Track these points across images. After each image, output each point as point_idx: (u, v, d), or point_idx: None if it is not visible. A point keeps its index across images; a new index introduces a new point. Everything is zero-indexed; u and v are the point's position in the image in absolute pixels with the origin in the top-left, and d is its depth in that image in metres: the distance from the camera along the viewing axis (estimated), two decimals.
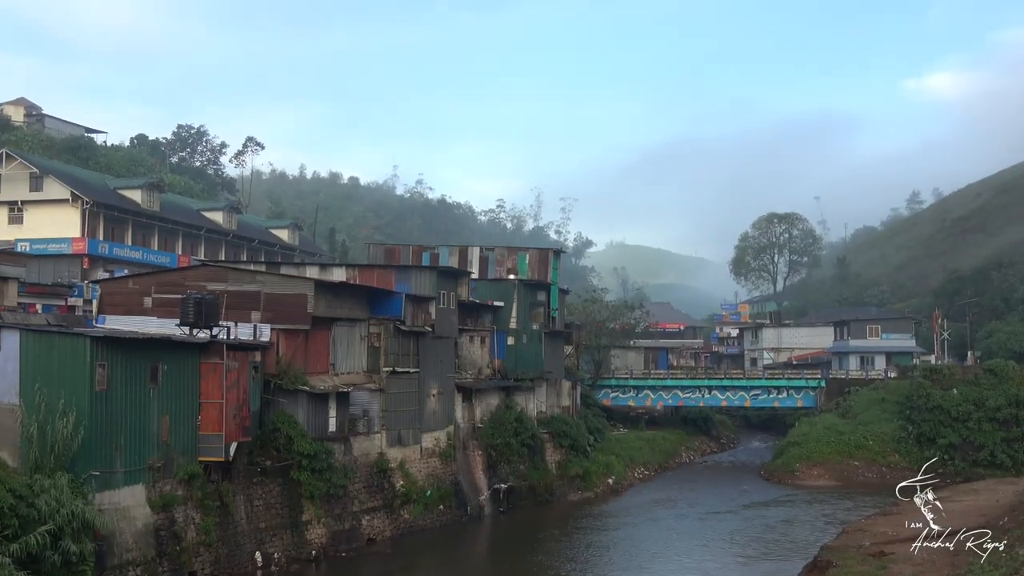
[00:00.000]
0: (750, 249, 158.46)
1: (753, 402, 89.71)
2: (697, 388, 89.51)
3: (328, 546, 44.15)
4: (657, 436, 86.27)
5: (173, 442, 37.62)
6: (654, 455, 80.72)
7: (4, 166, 69.39)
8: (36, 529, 28.63)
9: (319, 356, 48.12)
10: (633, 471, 73.99)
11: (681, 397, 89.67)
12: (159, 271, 56.42)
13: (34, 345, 33.51)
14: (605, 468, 69.37)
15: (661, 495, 66.71)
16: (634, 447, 78.94)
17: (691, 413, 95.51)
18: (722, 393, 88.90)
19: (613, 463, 70.99)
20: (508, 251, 76.25)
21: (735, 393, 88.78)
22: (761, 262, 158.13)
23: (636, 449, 78.61)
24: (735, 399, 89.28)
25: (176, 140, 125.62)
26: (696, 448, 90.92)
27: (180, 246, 77.54)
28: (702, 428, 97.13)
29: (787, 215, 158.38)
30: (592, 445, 71.21)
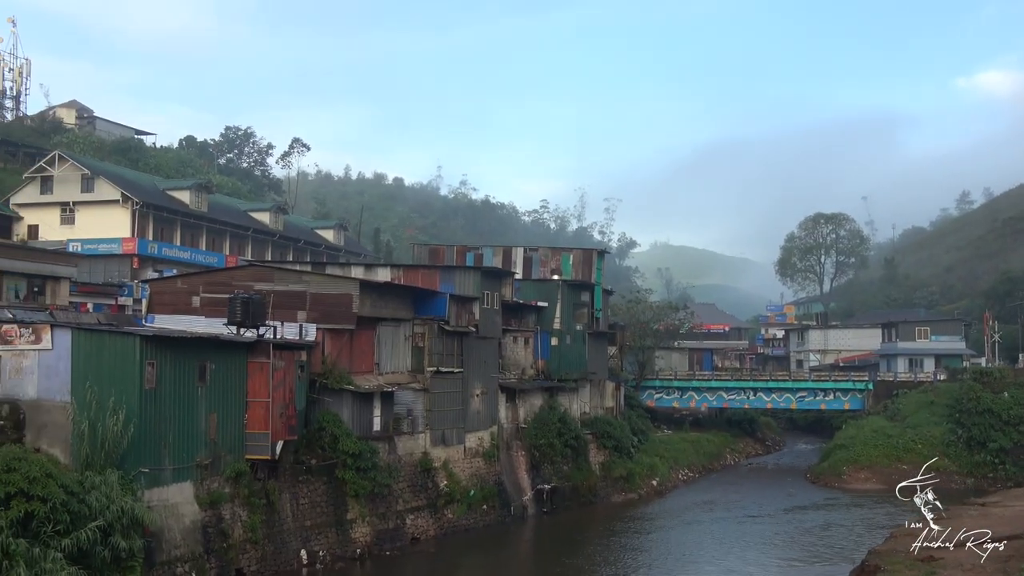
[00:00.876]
0: (796, 250, 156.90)
1: (799, 404, 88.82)
2: (742, 390, 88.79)
3: (373, 545, 44.37)
4: (701, 438, 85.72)
5: (220, 440, 38.00)
6: (698, 457, 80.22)
7: (56, 167, 70.54)
8: (87, 525, 28.97)
9: (364, 356, 48.41)
10: (677, 473, 73.59)
11: (726, 399, 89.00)
12: (207, 271, 57.02)
13: (85, 344, 34.00)
14: (649, 470, 69.06)
15: (706, 497, 66.26)
16: (678, 449, 78.51)
17: (736, 415, 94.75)
18: (767, 395, 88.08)
19: (657, 465, 70.65)
20: (552, 251, 76.16)
21: (781, 395, 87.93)
22: (807, 263, 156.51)
23: (680, 451, 78.16)
24: (781, 401, 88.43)
25: (224, 142, 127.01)
26: (741, 450, 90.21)
27: (228, 246, 78.34)
28: (747, 430, 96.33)
29: (834, 215, 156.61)
30: (636, 446, 70.93)
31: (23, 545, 27.06)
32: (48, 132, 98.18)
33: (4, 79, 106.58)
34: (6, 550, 26.83)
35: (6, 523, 27.12)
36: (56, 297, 49.46)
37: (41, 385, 33.51)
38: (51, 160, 71.22)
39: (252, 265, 55.74)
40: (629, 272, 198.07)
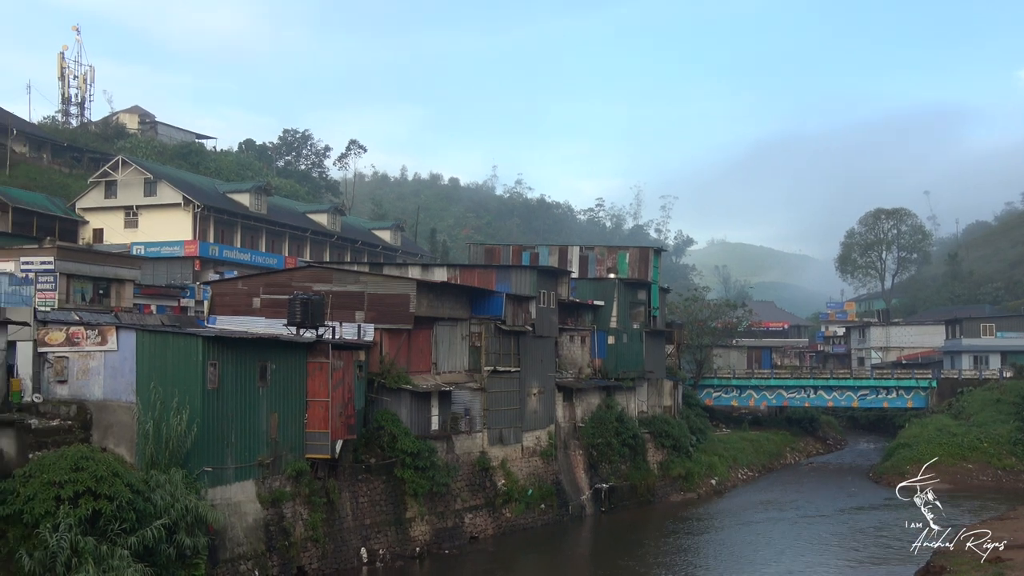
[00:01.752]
0: (856, 246, 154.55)
1: (861, 402, 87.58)
2: (802, 388, 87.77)
3: (431, 543, 44.60)
4: (761, 437, 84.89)
5: (281, 439, 38.44)
6: (758, 456, 79.42)
7: (120, 172, 71.92)
8: (152, 523, 29.45)
9: (421, 355, 48.67)
10: (736, 472, 72.93)
11: (785, 397, 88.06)
12: (267, 272, 57.70)
13: (149, 345, 34.57)
14: (708, 469, 68.55)
15: (765, 497, 65.58)
16: (737, 448, 77.82)
17: (796, 413, 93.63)
18: (828, 393, 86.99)
19: (716, 464, 70.10)
20: (608, 250, 75.89)
21: (842, 393, 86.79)
22: (868, 259, 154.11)
23: (739, 450, 77.47)
24: (842, 399, 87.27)
25: (282, 144, 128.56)
26: (801, 449, 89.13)
27: (287, 248, 79.27)
28: (808, 429, 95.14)
29: (895, 211, 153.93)
30: (694, 445, 70.45)
31: (91, 543, 27.63)
32: (112, 137, 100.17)
33: (69, 86, 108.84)
34: (75, 547, 27.41)
35: (75, 521, 27.69)
36: (121, 299, 50.36)
37: (107, 385, 34.14)
38: (115, 165, 72.64)
39: (311, 266, 56.35)
40: (686, 270, 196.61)
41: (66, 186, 78.04)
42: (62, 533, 27.38)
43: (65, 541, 27.33)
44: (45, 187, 75.71)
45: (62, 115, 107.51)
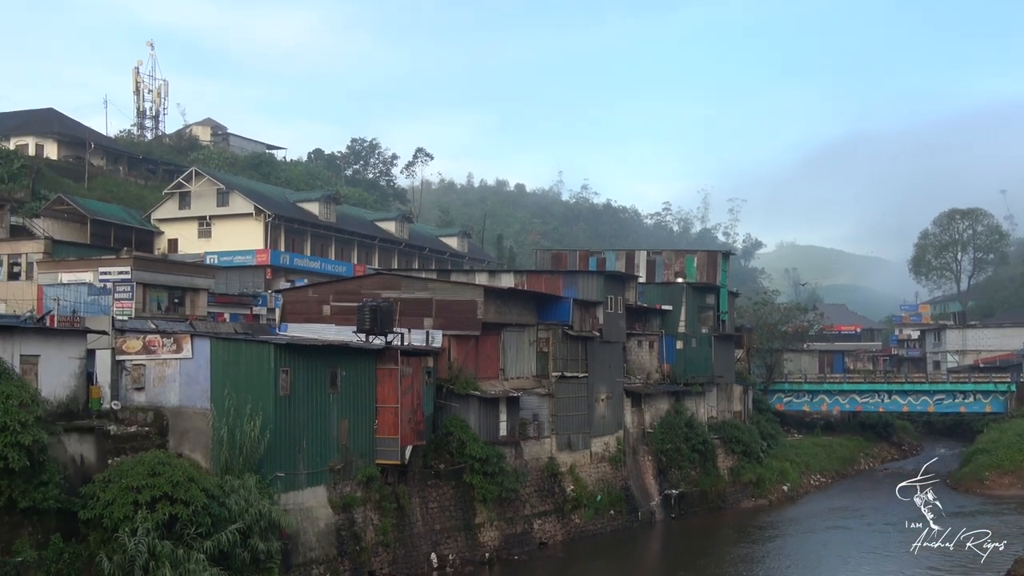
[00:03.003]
0: (930, 247, 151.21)
1: (937, 407, 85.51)
2: (876, 393, 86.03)
3: (501, 549, 44.62)
4: (834, 442, 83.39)
5: (352, 445, 38.80)
6: (831, 462, 78.03)
7: (194, 183, 73.33)
8: (227, 527, 29.92)
9: (489, 361, 48.76)
10: (809, 478, 71.77)
11: (859, 402, 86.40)
12: (336, 280, 58.35)
13: (223, 352, 35.14)
14: (779, 475, 67.55)
15: (839, 503, 64.41)
16: (809, 453, 76.56)
17: (870, 419, 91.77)
18: (903, 398, 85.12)
19: (788, 469, 69.06)
20: (675, 254, 75.37)
21: (917, 398, 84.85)
22: (943, 260, 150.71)
23: (812, 455, 76.21)
24: (917, 404, 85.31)
25: (350, 153, 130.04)
26: (876, 455, 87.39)
27: (355, 255, 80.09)
28: (882, 434, 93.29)
29: (970, 211, 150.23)
30: (765, 451, 69.51)
31: (168, 547, 28.14)
32: (185, 149, 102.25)
33: (144, 100, 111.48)
34: (153, 551, 27.95)
35: (152, 525, 28.24)
36: (195, 308, 51.27)
37: (183, 392, 34.78)
38: (188, 176, 74.10)
39: (379, 273, 56.83)
40: (755, 273, 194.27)
41: (142, 198, 79.77)
42: (140, 537, 27.93)
43: (143, 545, 27.88)
44: (122, 199, 77.49)
45: (137, 128, 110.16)
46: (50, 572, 27.90)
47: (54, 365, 31.85)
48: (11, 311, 44.96)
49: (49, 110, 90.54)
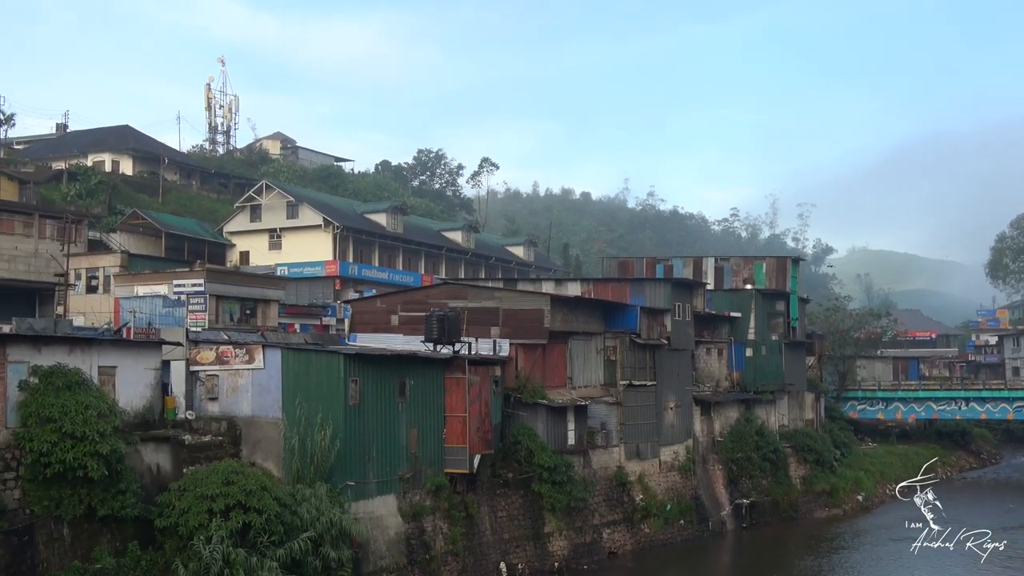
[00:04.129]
0: (1008, 250, 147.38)
1: (1016, 414, 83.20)
2: (952, 400, 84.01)
3: (570, 558, 44.44)
4: (909, 451, 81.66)
5: (421, 454, 38.98)
6: (906, 471, 75.96)
7: (264, 196, 74.45)
8: (299, 536, 30.17)
9: (556, 370, 48.67)
10: (884, 487, 70.29)
11: (935, 409, 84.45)
12: (404, 290, 58.73)
13: (294, 363, 35.56)
14: (853, 484, 66.34)
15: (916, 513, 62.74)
16: (884, 462, 75.07)
17: (947, 426, 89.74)
18: (981, 405, 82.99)
19: (862, 479, 67.78)
20: (744, 260, 74.56)
21: (995, 405, 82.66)
22: (1021, 264, 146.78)
23: (887, 464, 74.71)
24: (996, 411, 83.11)
25: (416, 164, 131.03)
26: (953, 463, 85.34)
27: (423, 265, 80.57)
28: (959, 442, 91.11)
29: None
30: (838, 460, 68.35)
31: (242, 555, 28.47)
32: (255, 163, 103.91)
33: (216, 115, 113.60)
34: (227, 559, 28.29)
35: (226, 533, 28.60)
36: (266, 319, 51.97)
37: (255, 402, 35.26)
38: (259, 189, 75.23)
39: (446, 283, 57.18)
40: (826, 279, 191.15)
41: (214, 211, 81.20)
42: (214, 545, 28.29)
43: (217, 553, 28.22)
44: (195, 213, 78.95)
45: (209, 143, 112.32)
46: None
47: (131, 376, 32.52)
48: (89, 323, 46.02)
49: (124, 127, 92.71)
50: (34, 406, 28.00)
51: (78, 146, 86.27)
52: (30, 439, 27.53)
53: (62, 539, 27.84)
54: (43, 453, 27.32)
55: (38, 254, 57.54)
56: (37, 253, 57.63)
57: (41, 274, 55.66)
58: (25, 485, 27.51)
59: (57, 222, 57.48)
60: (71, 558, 27.70)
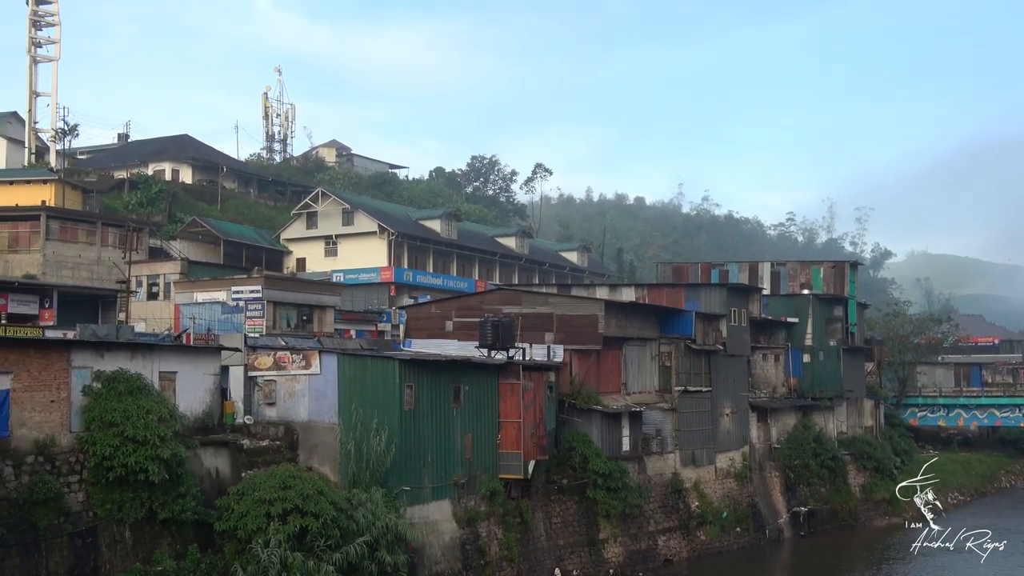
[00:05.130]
0: None
1: None
2: (1016, 407, 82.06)
3: (625, 565, 44.19)
4: (972, 458, 79.90)
5: (475, 460, 38.99)
6: (969, 479, 74.79)
7: (320, 203, 75.20)
8: (355, 540, 30.30)
9: (611, 375, 48.48)
10: (946, 496, 68.78)
11: (998, 416, 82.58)
12: (458, 296, 58.89)
13: (350, 368, 35.79)
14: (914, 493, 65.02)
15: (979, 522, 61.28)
16: (946, 470, 73.36)
17: (1010, 434, 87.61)
18: None
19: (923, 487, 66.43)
20: (801, 265, 73.65)
21: None
22: None
23: (948, 472, 73.06)
24: None
25: (470, 171, 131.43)
26: (1018, 472, 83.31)
27: (477, 271, 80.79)
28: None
29: None
30: (899, 467, 67.10)
31: (299, 558, 28.66)
32: (311, 171, 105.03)
33: (273, 124, 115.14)
34: (284, 563, 28.51)
35: (284, 537, 28.82)
36: (322, 325, 52.53)
37: (311, 407, 35.55)
38: (315, 197, 76.01)
39: (500, 289, 57.18)
40: (885, 284, 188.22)
41: (271, 218, 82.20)
42: (272, 549, 28.52)
43: (275, 556, 28.45)
44: (252, 220, 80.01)
45: (266, 151, 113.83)
46: None
47: (190, 381, 33.01)
48: (150, 329, 46.81)
49: (184, 136, 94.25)
50: (97, 411, 28.55)
51: (139, 156, 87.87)
52: (93, 443, 28.06)
53: (124, 541, 28.30)
54: (106, 457, 27.83)
55: (101, 261, 58.74)
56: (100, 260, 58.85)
57: (103, 281, 56.82)
58: (88, 488, 28.03)
59: (119, 230, 58.69)
60: (133, 560, 28.16)
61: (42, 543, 26.43)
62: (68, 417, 28.56)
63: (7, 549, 25.57)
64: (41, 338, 33.77)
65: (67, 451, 28.15)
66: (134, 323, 47.28)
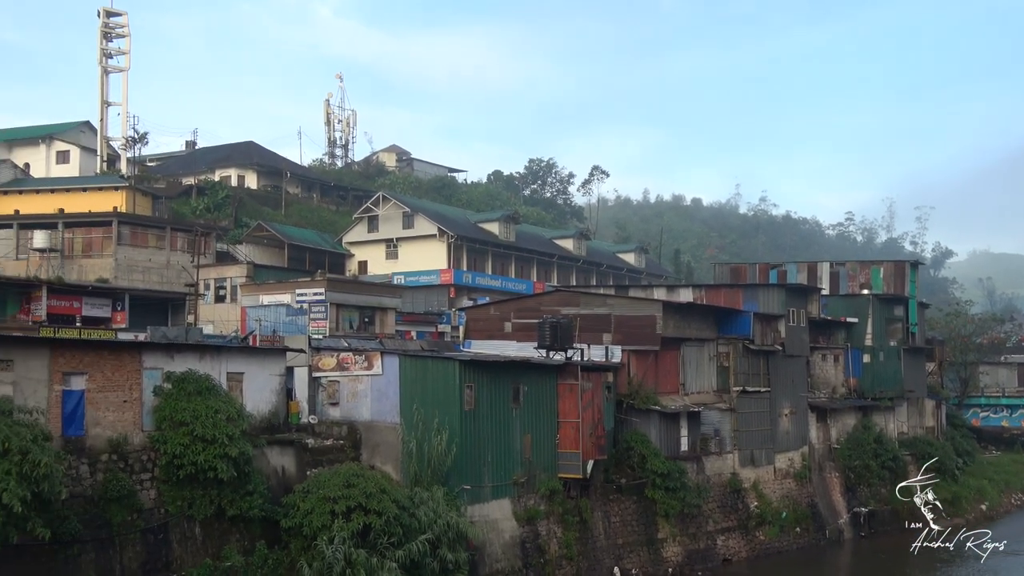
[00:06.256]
0: None
1: None
2: None
3: (683, 564, 43.89)
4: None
5: (535, 459, 38.99)
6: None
7: (381, 207, 75.79)
8: (417, 538, 30.46)
9: (669, 376, 48.20)
10: (1010, 497, 67.43)
11: None
12: (516, 298, 58.93)
13: (411, 369, 36.01)
14: (976, 493, 63.73)
15: None
16: (1009, 471, 71.92)
17: None
18: None
19: (985, 488, 65.06)
20: (860, 265, 72.53)
21: None
22: None
23: (1012, 473, 71.58)
24: None
25: (528, 174, 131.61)
26: None
27: (535, 273, 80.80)
28: None
29: None
30: (960, 468, 65.77)
31: (363, 555, 28.89)
32: (372, 175, 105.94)
33: (334, 130, 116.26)
34: (348, 559, 28.77)
35: (348, 534, 29.09)
36: (384, 326, 52.92)
37: (374, 407, 35.83)
38: (376, 201, 76.65)
39: (558, 290, 57.13)
40: (946, 284, 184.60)
41: (333, 222, 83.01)
42: (337, 545, 28.80)
43: (340, 553, 28.72)
44: (315, 224, 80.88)
45: (328, 157, 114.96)
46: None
47: (257, 382, 33.48)
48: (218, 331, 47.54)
49: (249, 143, 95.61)
50: (168, 410, 29.09)
51: (206, 162, 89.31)
52: (164, 442, 28.60)
53: (194, 538, 28.80)
54: (176, 455, 28.34)
55: (170, 265, 59.82)
56: (169, 264, 59.93)
57: (173, 284, 57.86)
58: (160, 486, 28.58)
59: (187, 235, 59.70)
60: (203, 556, 28.63)
61: (116, 539, 27.01)
62: (140, 416, 29.15)
63: (83, 544, 26.18)
64: (114, 340, 34.44)
65: (139, 449, 28.73)
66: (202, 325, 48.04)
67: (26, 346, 27.55)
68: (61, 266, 57.78)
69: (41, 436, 24.62)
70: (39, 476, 23.53)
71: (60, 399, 27.37)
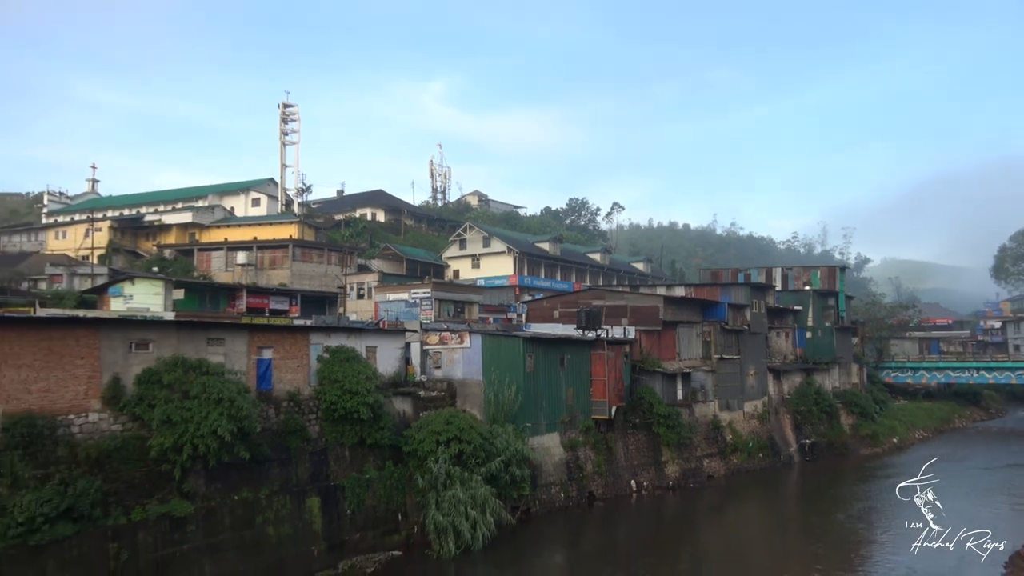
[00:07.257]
0: (1008, 257, 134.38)
1: (1019, 380, 75.20)
2: (966, 368, 76.78)
3: (680, 479, 43.23)
4: (933, 406, 75.29)
5: (575, 405, 38.76)
6: (931, 421, 70.53)
7: (468, 233, 75.91)
8: (495, 459, 30.59)
9: (668, 348, 47.51)
10: (914, 433, 65.17)
11: (952, 376, 77.41)
12: (561, 294, 58.57)
13: (489, 344, 35.94)
14: (890, 430, 61.77)
15: (939, 451, 57.86)
16: (913, 414, 69.55)
17: (961, 389, 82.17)
18: (989, 373, 75.59)
19: (896, 427, 63.02)
20: (803, 269, 70.79)
21: (1001, 373, 75.14)
22: (1019, 268, 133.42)
23: (915, 416, 69.19)
24: (1001, 378, 75.47)
25: (568, 208, 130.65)
26: (968, 416, 78.13)
27: (574, 277, 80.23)
28: (972, 400, 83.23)
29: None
30: (878, 412, 63.77)
31: (458, 471, 29.10)
32: (462, 211, 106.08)
33: (436, 181, 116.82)
34: (448, 474, 28.94)
35: (447, 457, 29.26)
36: (471, 314, 52.95)
37: (464, 370, 35.81)
38: (464, 229, 76.76)
39: (590, 289, 56.66)
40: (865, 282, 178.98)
41: (435, 244, 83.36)
42: (440, 464, 28.99)
43: (442, 469, 28.93)
44: (424, 245, 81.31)
45: (432, 199, 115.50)
46: (386, 485, 29.52)
47: (386, 353, 33.72)
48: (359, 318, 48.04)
49: (379, 191, 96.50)
50: (326, 372, 29.47)
51: (350, 204, 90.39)
52: (324, 393, 28.98)
53: (344, 459, 29.15)
54: (332, 402, 28.69)
55: (327, 274, 60.58)
56: (326, 274, 60.70)
57: (328, 287, 58.58)
58: (322, 423, 28.96)
59: (338, 254, 60.44)
60: (350, 471, 28.98)
61: (293, 458, 27.47)
62: (308, 376, 29.56)
63: (271, 462, 26.65)
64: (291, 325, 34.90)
65: (308, 399, 29.14)
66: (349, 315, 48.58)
67: (233, 329, 28.09)
68: (255, 275, 58.91)
69: (243, 389, 25.12)
70: (242, 416, 24.00)
71: (255, 365, 27.90)
